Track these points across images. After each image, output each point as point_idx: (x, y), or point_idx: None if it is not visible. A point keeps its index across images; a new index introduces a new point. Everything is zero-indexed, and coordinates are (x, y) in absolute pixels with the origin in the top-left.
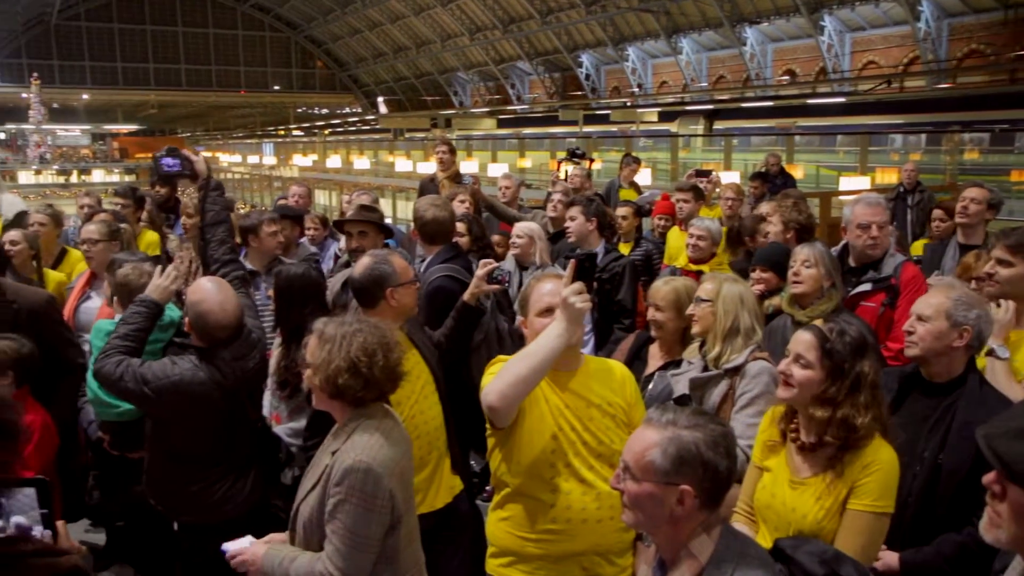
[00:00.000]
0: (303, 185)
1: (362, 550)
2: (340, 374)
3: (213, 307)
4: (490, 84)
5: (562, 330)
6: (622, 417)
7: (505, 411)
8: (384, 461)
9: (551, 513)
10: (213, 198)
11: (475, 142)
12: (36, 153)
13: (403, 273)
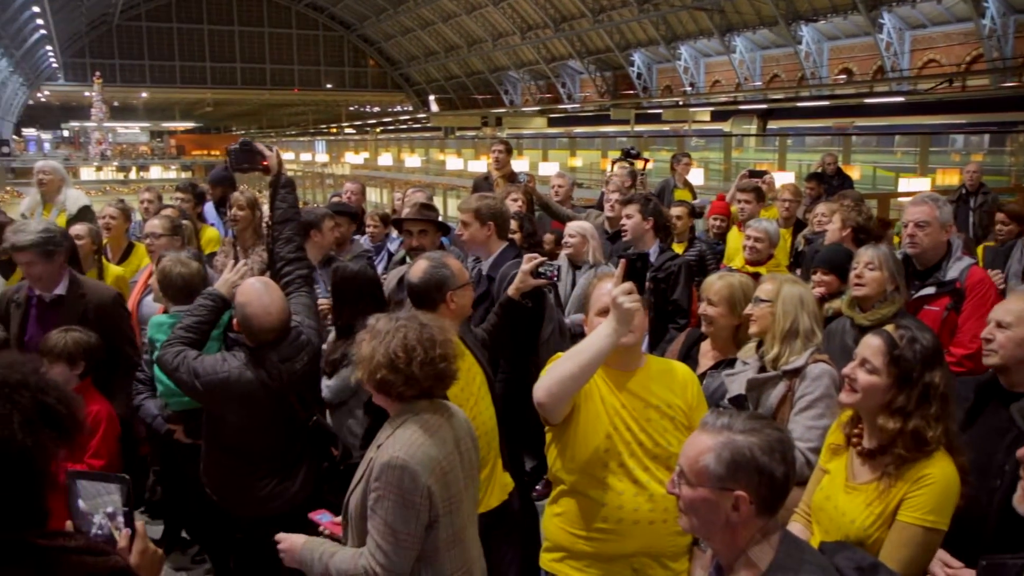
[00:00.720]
0: (357, 182)
1: (402, 546)
2: (379, 369)
3: (258, 310)
4: (541, 83)
5: (611, 330)
6: (682, 420)
7: (553, 408)
8: (422, 459)
9: (603, 512)
10: (283, 195)
11: (526, 141)
12: (97, 150)
13: (460, 275)
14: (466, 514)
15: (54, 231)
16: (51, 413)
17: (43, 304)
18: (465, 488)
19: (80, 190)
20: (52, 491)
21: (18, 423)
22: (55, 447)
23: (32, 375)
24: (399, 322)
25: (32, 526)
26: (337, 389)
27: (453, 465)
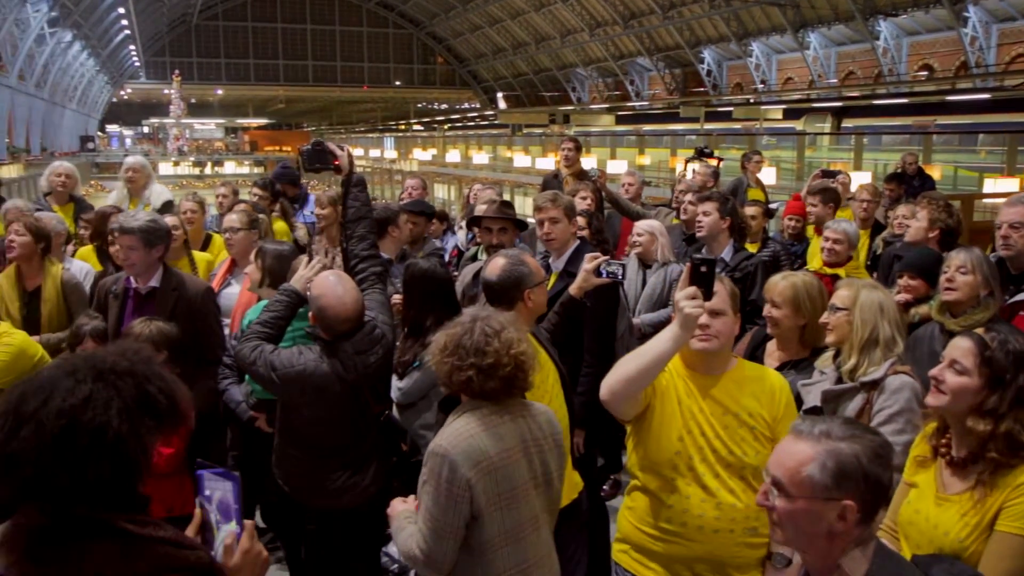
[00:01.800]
0: (418, 178)
1: (440, 534)
2: (442, 364)
3: (332, 301)
4: (609, 80)
5: (673, 334)
6: (763, 430)
7: (616, 406)
8: (465, 449)
9: (667, 514)
10: (355, 194)
11: (593, 139)
12: (175, 146)
13: (537, 273)
14: (528, 516)
15: (160, 224)
16: (152, 402)
17: (139, 296)
18: (533, 488)
19: (162, 185)
20: (150, 478)
21: (116, 410)
22: (152, 436)
23: (140, 364)
24: (464, 320)
25: (123, 510)
26: (407, 391)
27: (510, 463)
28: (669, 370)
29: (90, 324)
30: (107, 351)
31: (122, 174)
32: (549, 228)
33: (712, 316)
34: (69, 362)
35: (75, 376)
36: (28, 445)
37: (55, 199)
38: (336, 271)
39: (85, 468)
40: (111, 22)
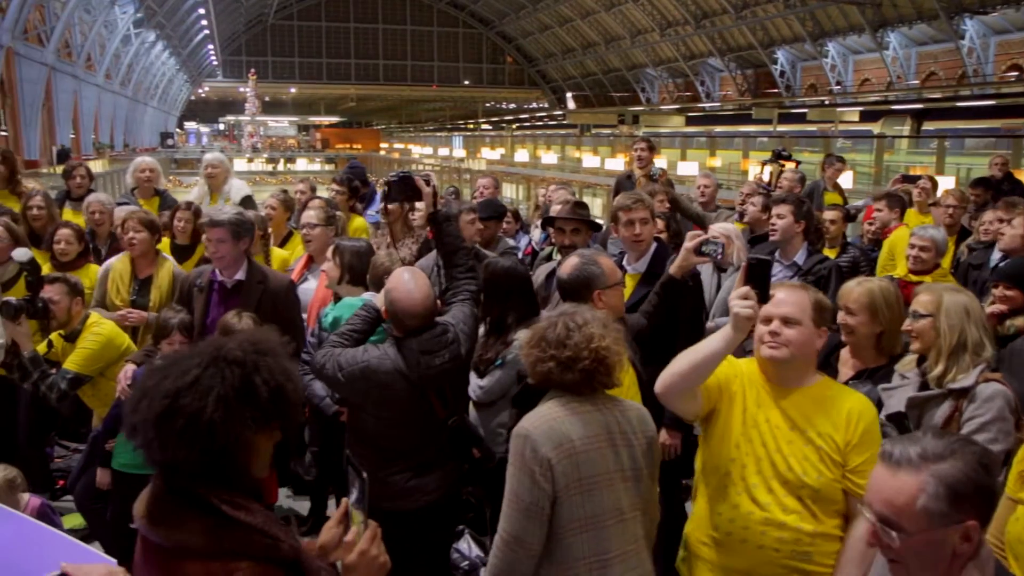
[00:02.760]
0: (490, 177)
1: (524, 514)
2: (528, 355)
3: (402, 295)
4: (679, 81)
5: (725, 334)
6: (831, 453)
7: (669, 400)
8: (547, 431)
9: (715, 520)
10: (445, 229)
11: (663, 140)
12: (249, 142)
13: (611, 274)
14: (610, 507)
15: (246, 217)
16: (253, 393)
17: (224, 289)
18: (620, 481)
19: (241, 180)
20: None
21: (215, 397)
22: (248, 426)
23: (253, 354)
24: (552, 315)
25: (223, 488)
26: (488, 389)
27: (592, 450)
28: (744, 377)
29: (176, 317)
30: (237, 338)
31: (202, 170)
32: (640, 229)
33: (785, 324)
34: (200, 344)
35: (194, 359)
36: (141, 418)
37: (141, 193)
38: (411, 268)
39: (178, 448)
40: (191, 22)
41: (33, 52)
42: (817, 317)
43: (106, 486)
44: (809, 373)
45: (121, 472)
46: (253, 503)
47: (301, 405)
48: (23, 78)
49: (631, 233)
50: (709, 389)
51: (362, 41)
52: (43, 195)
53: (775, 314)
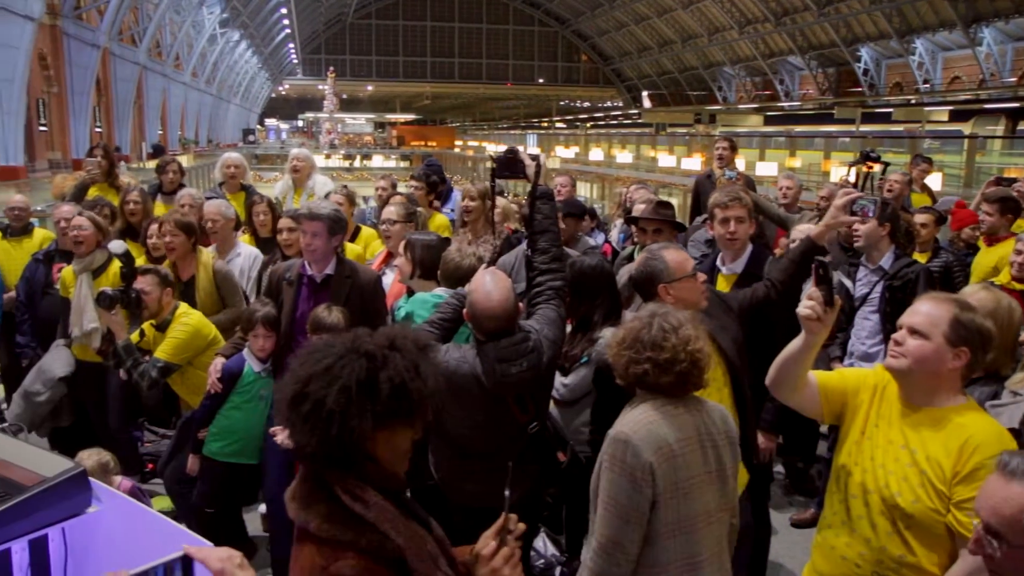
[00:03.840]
0: (567, 176)
1: (624, 519)
2: (619, 356)
3: (480, 297)
4: (757, 79)
5: (801, 334)
6: (935, 481)
7: (776, 394)
8: (646, 435)
9: (820, 525)
10: (538, 206)
11: (741, 140)
12: (327, 139)
13: (677, 268)
14: (702, 509)
15: (342, 214)
16: (375, 388)
17: (313, 283)
18: (708, 482)
19: (326, 176)
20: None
21: (338, 387)
22: (368, 420)
23: (385, 349)
24: (638, 315)
25: (346, 478)
26: (572, 387)
27: (688, 452)
28: (879, 389)
29: (262, 311)
30: (380, 332)
31: (288, 164)
32: (735, 227)
33: (911, 334)
34: (347, 334)
35: (333, 348)
36: (280, 397)
37: (227, 188)
38: (493, 270)
39: (302, 432)
40: (274, 22)
41: (127, 52)
42: (952, 334)
43: (194, 472)
44: (941, 392)
45: (210, 459)
46: (373, 496)
47: (425, 405)
48: (117, 77)
49: (726, 231)
50: (830, 394)
51: (438, 39)
52: (139, 191)
53: (904, 323)
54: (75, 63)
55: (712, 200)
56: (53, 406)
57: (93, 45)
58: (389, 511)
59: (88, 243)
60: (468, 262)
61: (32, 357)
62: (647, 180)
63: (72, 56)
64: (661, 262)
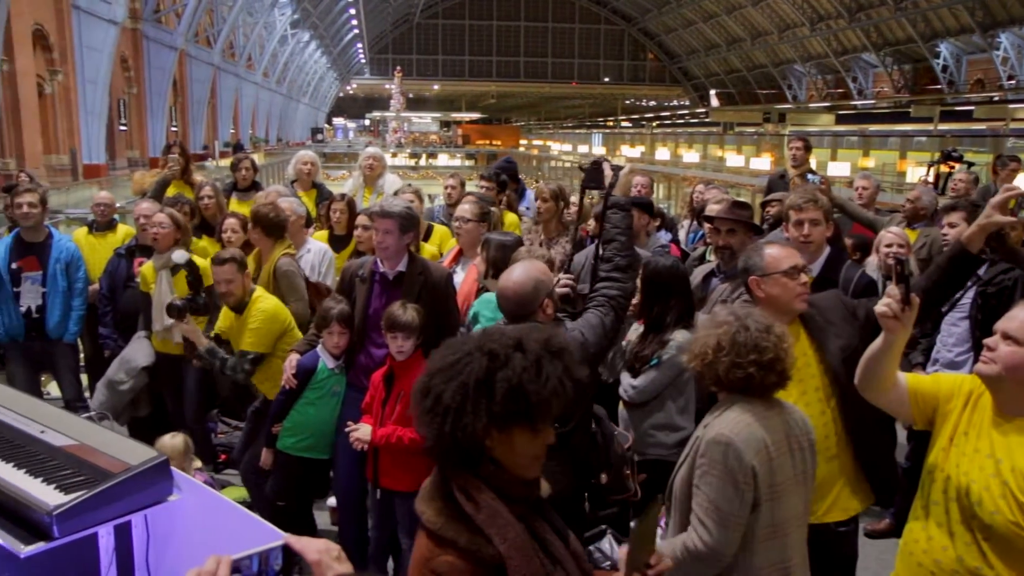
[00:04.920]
0: (647, 176)
1: (726, 525)
2: (694, 358)
3: (503, 276)
4: (829, 77)
5: (882, 333)
6: (1018, 493)
7: (866, 396)
8: (748, 438)
9: (904, 529)
10: (608, 215)
11: (812, 139)
12: (393, 138)
13: (771, 264)
14: (792, 513)
15: (413, 212)
16: (491, 388)
17: (385, 280)
18: (795, 486)
19: (395, 174)
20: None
21: (456, 384)
22: (480, 418)
23: (509, 349)
24: (729, 318)
25: (466, 475)
26: (641, 389)
27: (782, 454)
28: (973, 396)
29: (336, 308)
30: (513, 330)
31: (360, 162)
32: (810, 230)
33: (1004, 340)
34: (485, 330)
35: (465, 344)
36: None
37: (300, 185)
38: (532, 260)
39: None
40: (343, 23)
41: (202, 53)
42: None
43: (268, 466)
44: None
45: (283, 453)
46: (487, 498)
47: (549, 408)
48: (192, 77)
49: (800, 233)
50: (922, 398)
51: (504, 38)
52: (212, 186)
53: (1000, 328)
54: (154, 65)
55: (788, 202)
56: (134, 395)
57: (171, 47)
58: (502, 516)
59: (166, 240)
60: None
61: (114, 348)
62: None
63: (151, 58)
64: (758, 255)
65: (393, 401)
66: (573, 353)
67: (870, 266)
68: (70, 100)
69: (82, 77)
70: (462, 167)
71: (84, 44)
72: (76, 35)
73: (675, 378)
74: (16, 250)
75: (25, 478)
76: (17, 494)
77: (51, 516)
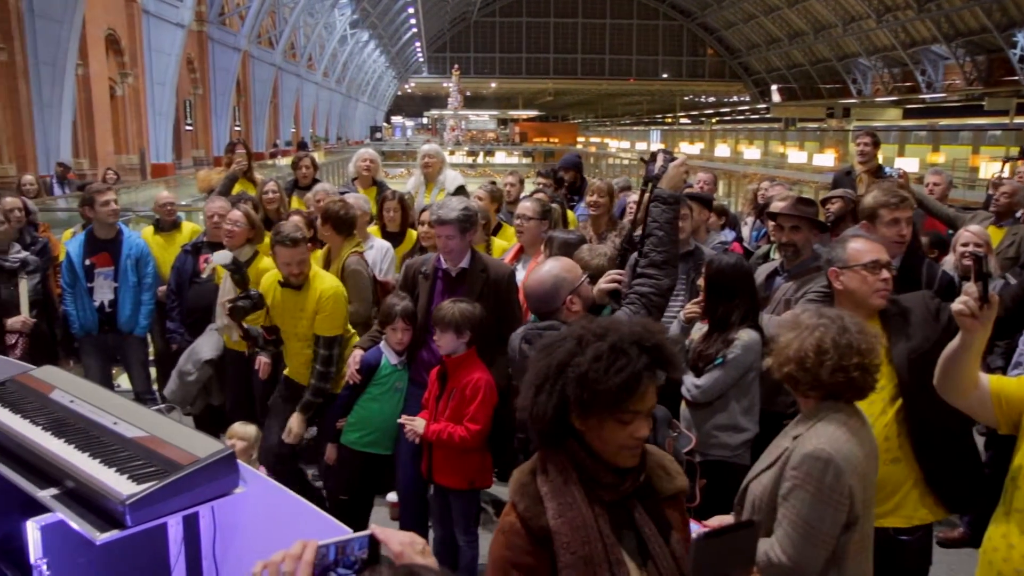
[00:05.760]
0: (709, 172)
1: (814, 542)
2: (788, 363)
3: (530, 282)
4: (896, 70)
5: (959, 335)
6: None
7: (946, 399)
8: (847, 455)
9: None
10: (652, 207)
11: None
12: (451, 136)
13: (852, 256)
14: (870, 524)
15: (472, 211)
16: (564, 373)
17: (448, 277)
18: (874, 497)
19: (455, 171)
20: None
21: (542, 365)
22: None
23: (590, 337)
24: (821, 320)
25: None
26: (705, 389)
27: (871, 468)
28: None
29: (400, 304)
30: (604, 320)
31: (419, 160)
32: (906, 229)
33: None
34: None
35: (571, 328)
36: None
37: (360, 183)
38: (560, 258)
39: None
40: (401, 22)
41: (264, 54)
42: None
43: (332, 461)
44: None
45: (347, 448)
46: (560, 474)
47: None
48: (255, 78)
49: (895, 232)
50: (1007, 401)
51: (561, 36)
52: (275, 182)
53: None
54: (218, 66)
55: (876, 200)
56: (202, 385)
57: (235, 48)
58: (568, 494)
59: (239, 238)
60: (597, 261)
61: (181, 342)
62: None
63: (216, 59)
64: (841, 247)
65: (446, 398)
66: (669, 351)
67: (947, 265)
68: (140, 101)
69: (151, 79)
70: (519, 165)
71: (153, 47)
72: (146, 38)
73: (740, 378)
74: (89, 247)
75: (100, 467)
76: (93, 483)
77: (124, 505)
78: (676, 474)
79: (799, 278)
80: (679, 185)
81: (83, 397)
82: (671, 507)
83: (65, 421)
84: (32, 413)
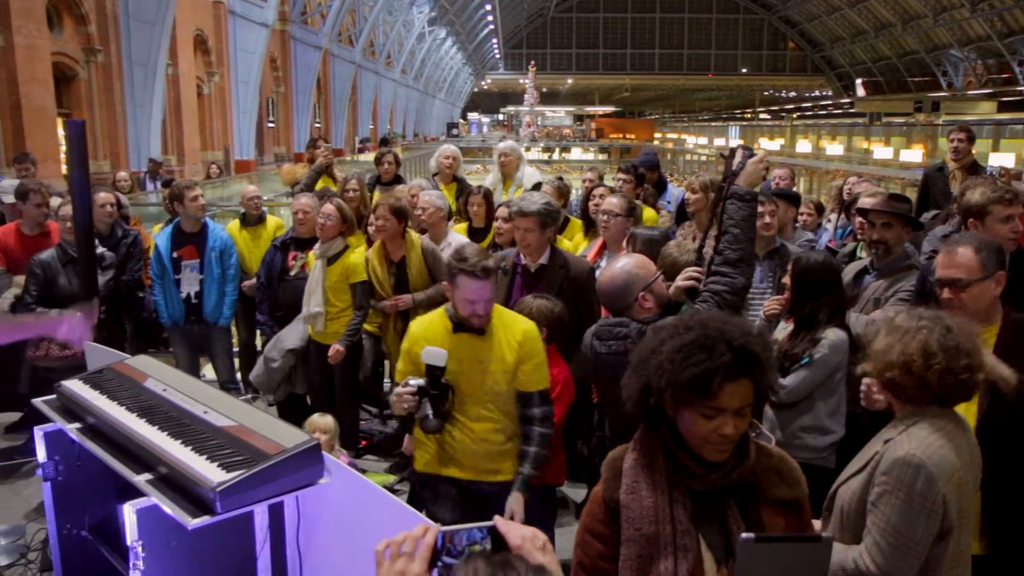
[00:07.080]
0: (787, 168)
1: (904, 551)
2: (891, 368)
3: (602, 278)
4: (990, 62)
5: None
6: None
7: None
8: (940, 462)
9: None
10: (726, 205)
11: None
12: (527, 132)
13: (972, 269)
14: (967, 536)
15: (553, 207)
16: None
17: (527, 273)
18: (973, 509)
19: (533, 168)
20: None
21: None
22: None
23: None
24: (922, 321)
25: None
26: (791, 389)
27: (969, 478)
28: None
29: None
30: (699, 311)
31: (496, 157)
32: (1021, 226)
33: None
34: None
35: (679, 319)
36: None
37: (441, 179)
38: (637, 255)
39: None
40: (478, 19)
41: (344, 52)
42: None
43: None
44: None
45: None
46: (642, 457)
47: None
48: (335, 75)
49: (1009, 229)
50: None
51: (638, 31)
52: (357, 178)
53: None
54: (300, 64)
55: (986, 196)
56: (286, 373)
57: (316, 47)
58: (646, 474)
59: (332, 231)
60: (686, 258)
61: (269, 334)
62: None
63: (298, 57)
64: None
65: None
66: (758, 354)
67: None
68: (225, 100)
69: (235, 78)
70: (595, 161)
71: (238, 47)
72: (231, 38)
73: (826, 378)
74: (176, 240)
75: (192, 455)
76: (185, 470)
77: (215, 492)
78: (793, 483)
79: (889, 276)
80: (757, 181)
81: (174, 386)
82: (777, 513)
83: (158, 408)
84: (127, 400)
